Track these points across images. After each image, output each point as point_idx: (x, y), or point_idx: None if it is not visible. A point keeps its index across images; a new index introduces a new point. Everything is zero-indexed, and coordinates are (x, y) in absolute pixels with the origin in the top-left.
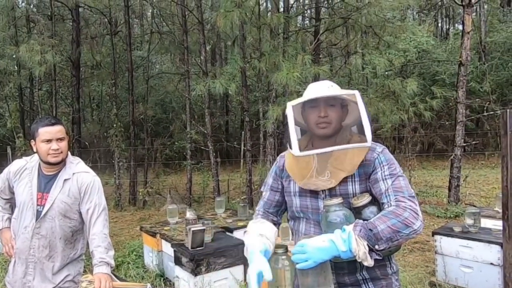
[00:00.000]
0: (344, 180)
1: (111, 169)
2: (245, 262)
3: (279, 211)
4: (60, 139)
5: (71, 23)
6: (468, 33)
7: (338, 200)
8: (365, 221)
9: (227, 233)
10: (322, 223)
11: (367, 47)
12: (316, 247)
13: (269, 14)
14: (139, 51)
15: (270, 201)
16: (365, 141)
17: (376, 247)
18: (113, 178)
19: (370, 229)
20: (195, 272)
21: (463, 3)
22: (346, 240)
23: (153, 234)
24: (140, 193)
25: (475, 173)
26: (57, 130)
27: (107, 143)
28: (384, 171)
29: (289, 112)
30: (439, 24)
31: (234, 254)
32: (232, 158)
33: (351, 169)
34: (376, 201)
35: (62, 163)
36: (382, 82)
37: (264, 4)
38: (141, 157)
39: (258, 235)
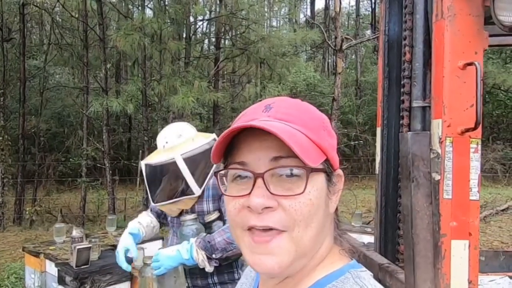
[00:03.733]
0: (201, 200)
1: None
2: (131, 279)
3: (160, 217)
4: None
5: None
6: (339, 74)
7: (192, 216)
8: (208, 235)
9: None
10: (178, 235)
11: (262, 78)
12: (166, 255)
13: (169, 39)
14: (35, 60)
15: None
16: (193, 193)
17: (214, 255)
18: None
19: (208, 241)
20: None
21: (336, 48)
22: (189, 250)
23: (37, 254)
24: (27, 212)
25: (349, 193)
26: None
27: None
28: None
29: (143, 169)
30: (328, 60)
31: (121, 271)
32: (133, 176)
33: (191, 203)
34: (224, 217)
35: None
36: None
37: (170, 28)
38: (31, 173)
39: (136, 222)
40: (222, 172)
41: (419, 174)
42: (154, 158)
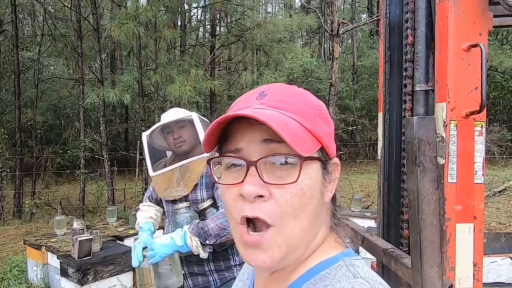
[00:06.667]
0: (195, 188)
1: None
2: (133, 269)
3: (159, 205)
4: None
5: None
6: (337, 59)
7: (185, 204)
8: (201, 221)
9: (118, 241)
10: (172, 224)
11: (259, 64)
12: (160, 244)
13: (164, 27)
14: (28, 51)
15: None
16: (202, 152)
17: (207, 241)
18: None
19: (201, 228)
20: (82, 282)
21: (333, 33)
22: (182, 237)
23: (38, 247)
24: (27, 205)
25: (348, 178)
26: None
27: None
28: None
29: (144, 140)
30: (324, 45)
31: (123, 262)
32: (131, 167)
33: (197, 177)
34: (217, 204)
35: None
36: None
37: (164, 16)
38: (29, 166)
39: (148, 217)
40: (216, 159)
41: (425, 159)
42: (167, 119)
